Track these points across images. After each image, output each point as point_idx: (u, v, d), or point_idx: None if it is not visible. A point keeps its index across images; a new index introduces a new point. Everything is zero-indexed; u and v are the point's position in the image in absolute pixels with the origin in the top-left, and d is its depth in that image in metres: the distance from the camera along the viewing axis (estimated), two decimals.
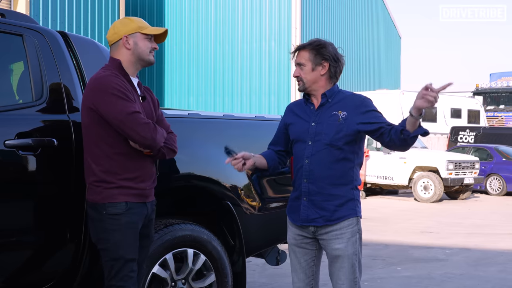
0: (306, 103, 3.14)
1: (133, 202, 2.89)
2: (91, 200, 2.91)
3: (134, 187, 2.90)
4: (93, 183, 2.88)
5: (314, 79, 3.06)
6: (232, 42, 21.68)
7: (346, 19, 25.86)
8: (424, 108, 2.73)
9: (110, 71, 2.90)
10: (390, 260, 7.08)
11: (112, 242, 2.85)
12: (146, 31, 2.99)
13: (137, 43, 2.97)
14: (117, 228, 2.85)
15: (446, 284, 5.90)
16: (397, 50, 35.12)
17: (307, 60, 3.05)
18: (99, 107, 2.80)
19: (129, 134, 2.81)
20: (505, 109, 27.42)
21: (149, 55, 3.01)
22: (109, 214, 2.85)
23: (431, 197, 14.33)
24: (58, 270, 3.15)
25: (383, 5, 31.82)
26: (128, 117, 2.78)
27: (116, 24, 3.02)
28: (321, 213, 3.04)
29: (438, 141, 21.40)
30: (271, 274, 6.13)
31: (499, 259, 7.31)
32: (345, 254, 3.02)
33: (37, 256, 3.09)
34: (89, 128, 2.88)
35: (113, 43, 3.01)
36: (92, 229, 2.96)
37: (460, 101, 23.85)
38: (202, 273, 3.64)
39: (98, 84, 2.83)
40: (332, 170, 3.01)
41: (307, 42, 3.11)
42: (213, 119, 3.97)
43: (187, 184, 3.70)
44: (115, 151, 2.86)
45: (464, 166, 14.68)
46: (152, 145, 2.86)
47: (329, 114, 3.04)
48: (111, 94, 2.79)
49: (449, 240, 8.75)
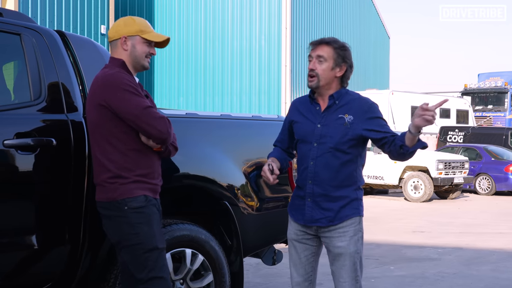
0: (312, 102, 3.11)
1: (149, 196, 2.89)
2: (105, 199, 2.87)
3: (148, 182, 2.90)
4: (106, 180, 2.85)
5: (329, 78, 3.03)
6: (222, 42, 21.66)
7: (335, 19, 25.91)
8: (423, 126, 2.80)
9: (117, 69, 2.89)
10: (383, 259, 7.11)
11: (143, 235, 2.83)
12: (147, 36, 2.97)
13: (135, 46, 2.95)
14: (144, 221, 2.85)
15: (440, 283, 5.93)
16: (386, 50, 35.26)
17: (330, 56, 3.01)
18: (112, 103, 2.79)
19: (145, 129, 2.80)
20: (493, 109, 27.58)
21: (144, 60, 2.99)
22: (132, 208, 2.83)
23: (421, 197, 14.40)
24: (57, 270, 3.13)
25: (372, 5, 31.93)
26: (144, 111, 2.78)
27: (119, 22, 2.99)
28: (325, 213, 3.05)
29: (428, 141, 21.49)
30: (265, 274, 6.12)
31: (491, 258, 7.35)
32: (347, 252, 3.03)
33: (35, 257, 3.06)
34: (99, 125, 2.85)
35: (112, 40, 2.99)
36: (112, 228, 2.90)
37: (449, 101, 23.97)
38: (200, 273, 3.63)
39: (109, 81, 2.81)
40: (337, 172, 3.02)
41: (330, 38, 3.07)
42: (210, 119, 3.96)
43: (185, 184, 3.69)
44: (128, 147, 2.84)
45: (453, 166, 14.77)
46: (168, 139, 2.87)
47: (336, 116, 3.03)
48: (123, 90, 2.79)
49: (441, 240, 8.80)
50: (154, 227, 2.88)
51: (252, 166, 3.99)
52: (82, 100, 3.27)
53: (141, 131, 2.83)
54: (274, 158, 3.18)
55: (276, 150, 3.26)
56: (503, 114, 27.20)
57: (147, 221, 2.85)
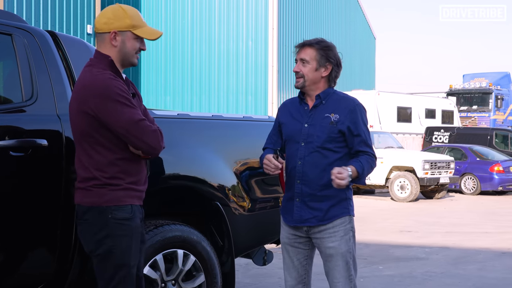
0: (301, 102, 3.14)
1: (135, 205, 2.74)
2: (87, 203, 2.68)
3: (137, 189, 2.76)
4: (94, 186, 2.67)
5: (314, 79, 3.06)
6: (209, 41, 21.63)
7: (322, 20, 25.98)
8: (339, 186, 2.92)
9: (107, 73, 2.65)
10: (371, 259, 7.14)
11: (119, 249, 2.67)
12: (139, 32, 2.73)
13: (125, 42, 2.71)
14: (125, 234, 2.68)
15: (428, 283, 5.98)
16: (372, 51, 35.43)
17: (312, 58, 3.04)
18: (101, 114, 2.59)
19: (136, 144, 2.64)
20: (478, 109, 27.80)
21: (133, 57, 2.77)
22: (116, 218, 2.66)
23: (408, 197, 14.49)
24: (48, 272, 3.12)
25: (358, 6, 32.06)
26: (135, 126, 2.61)
27: (108, 14, 2.72)
28: (314, 213, 3.06)
29: (413, 141, 21.65)
30: (255, 274, 6.13)
31: (478, 258, 7.42)
32: (338, 252, 3.05)
33: (27, 258, 3.05)
34: (86, 134, 2.65)
35: (99, 33, 2.73)
36: (87, 233, 2.72)
37: (434, 101, 24.19)
38: (191, 274, 3.63)
39: (99, 89, 2.59)
40: (325, 171, 3.03)
41: (314, 40, 3.09)
42: (202, 120, 3.96)
43: (177, 185, 3.69)
44: (117, 157, 2.66)
45: (439, 166, 14.87)
46: (158, 153, 2.73)
47: (322, 116, 3.06)
48: (115, 101, 2.58)
49: (428, 239, 8.86)
50: (133, 242, 2.71)
51: (243, 166, 4.00)
52: None
53: (130, 145, 2.66)
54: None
55: (268, 151, 3.24)
56: (487, 114, 27.43)
57: (127, 235, 2.69)
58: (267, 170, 3.01)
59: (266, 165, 3.02)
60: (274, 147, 3.24)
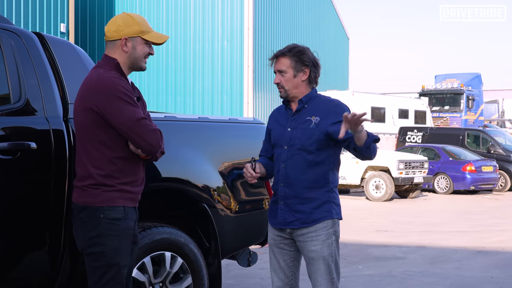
0: (286, 108, 3.21)
1: (129, 207, 2.81)
2: (82, 202, 2.77)
3: (131, 191, 2.82)
4: (89, 186, 2.75)
5: (295, 86, 3.11)
6: (184, 42, 21.56)
7: (297, 20, 26.08)
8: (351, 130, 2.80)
9: (113, 72, 2.78)
10: (350, 259, 7.21)
11: (110, 248, 2.74)
12: (148, 37, 2.87)
13: (136, 47, 2.85)
14: (116, 234, 2.76)
15: (408, 282, 6.06)
16: (346, 51, 35.69)
17: (288, 67, 3.09)
18: (104, 110, 2.70)
19: (136, 141, 2.73)
20: (450, 110, 28.17)
21: (142, 61, 2.90)
22: (108, 218, 2.74)
23: (383, 196, 14.65)
24: (38, 274, 3.10)
25: (332, 7, 32.28)
26: (137, 123, 2.71)
27: (119, 21, 2.86)
28: (297, 216, 3.10)
29: (387, 141, 21.87)
30: (236, 275, 6.15)
31: (454, 256, 7.55)
32: (320, 256, 3.09)
33: (15, 261, 3.03)
34: (88, 130, 2.75)
35: (110, 40, 2.87)
36: (81, 232, 2.81)
37: (407, 102, 24.48)
38: (179, 276, 3.64)
39: (104, 86, 2.71)
40: (306, 174, 3.08)
41: (285, 49, 3.13)
42: (188, 122, 3.98)
43: (163, 187, 3.68)
44: (115, 155, 2.76)
45: (414, 165, 15.06)
46: (157, 152, 2.81)
47: (304, 119, 3.12)
48: (118, 98, 2.70)
49: (405, 239, 8.97)
50: (123, 243, 2.79)
51: (229, 168, 4.01)
52: (61, 103, 3.24)
53: (131, 142, 2.76)
54: (259, 163, 3.22)
55: (262, 158, 3.32)
56: (459, 114, 27.82)
57: (118, 235, 2.76)
58: (245, 178, 3.14)
59: (244, 173, 3.14)
60: (266, 155, 3.31)
